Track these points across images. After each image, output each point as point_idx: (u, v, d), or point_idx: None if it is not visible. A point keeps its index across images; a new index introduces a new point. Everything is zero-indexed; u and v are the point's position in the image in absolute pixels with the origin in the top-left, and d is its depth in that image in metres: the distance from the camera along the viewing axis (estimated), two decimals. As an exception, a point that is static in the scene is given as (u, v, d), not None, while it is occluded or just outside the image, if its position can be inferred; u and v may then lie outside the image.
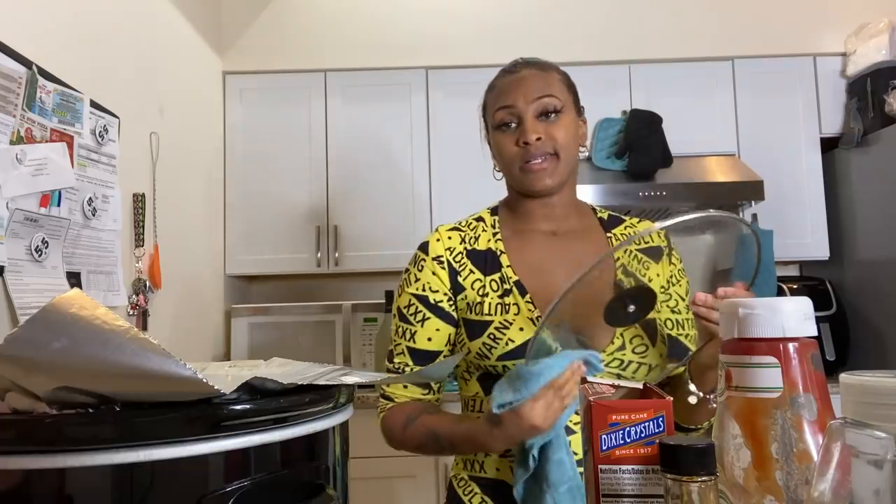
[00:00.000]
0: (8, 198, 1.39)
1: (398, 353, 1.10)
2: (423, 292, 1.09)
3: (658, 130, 2.64)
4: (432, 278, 1.09)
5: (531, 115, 1.06)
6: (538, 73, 1.09)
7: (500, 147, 1.09)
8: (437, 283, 1.09)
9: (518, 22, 2.81)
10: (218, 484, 0.49)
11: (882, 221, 2.48)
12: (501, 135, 1.08)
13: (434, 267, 1.09)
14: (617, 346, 1.02)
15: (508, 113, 1.07)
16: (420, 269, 1.10)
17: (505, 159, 1.09)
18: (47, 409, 0.49)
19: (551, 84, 1.08)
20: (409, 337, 1.09)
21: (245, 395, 0.53)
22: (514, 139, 1.06)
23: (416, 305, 1.09)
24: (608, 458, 0.54)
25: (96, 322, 0.47)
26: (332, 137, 2.75)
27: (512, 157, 1.07)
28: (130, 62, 1.98)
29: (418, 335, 1.08)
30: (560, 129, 1.06)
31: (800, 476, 0.49)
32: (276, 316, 2.65)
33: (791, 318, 0.52)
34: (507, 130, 1.08)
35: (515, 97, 1.06)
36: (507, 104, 1.07)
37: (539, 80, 1.07)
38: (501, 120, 1.08)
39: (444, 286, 1.08)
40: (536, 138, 1.04)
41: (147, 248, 2.01)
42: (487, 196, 1.38)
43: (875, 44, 2.62)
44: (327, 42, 2.80)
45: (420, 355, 1.08)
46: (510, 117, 1.07)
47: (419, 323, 1.08)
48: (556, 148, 1.05)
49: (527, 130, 1.05)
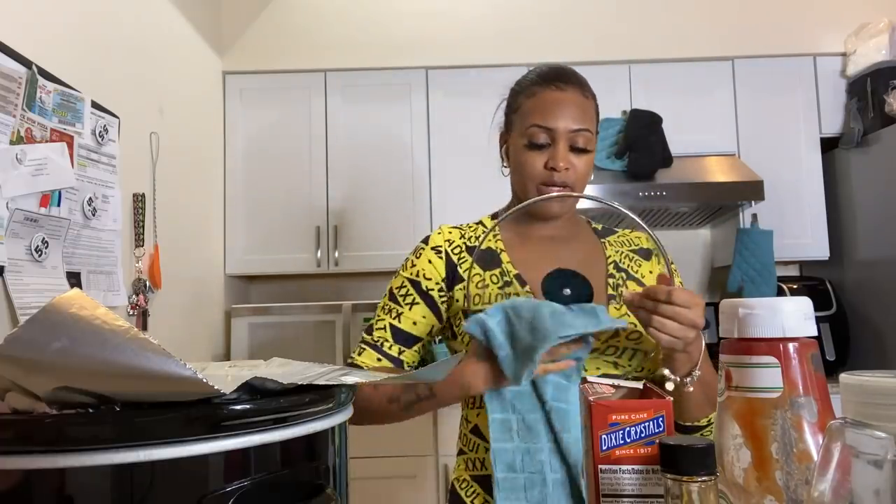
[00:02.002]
0: (8, 198, 1.39)
1: (379, 327, 1.11)
2: (416, 278, 1.11)
3: (658, 130, 2.64)
4: (428, 266, 1.11)
5: (564, 144, 1.06)
6: (581, 99, 1.08)
7: (525, 163, 1.08)
8: (431, 272, 1.11)
9: (518, 22, 2.81)
10: (218, 484, 0.49)
11: (882, 221, 2.48)
12: (529, 151, 1.07)
13: (431, 256, 1.12)
14: (611, 332, 1.02)
15: (544, 133, 1.06)
16: (418, 256, 1.14)
17: (526, 175, 1.08)
18: (47, 409, 0.49)
19: (589, 116, 1.08)
20: (394, 315, 1.11)
21: (245, 395, 0.53)
22: (542, 160, 1.06)
23: (408, 288, 1.11)
24: (608, 458, 0.54)
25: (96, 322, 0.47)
26: (332, 137, 2.75)
27: (534, 176, 1.07)
28: (130, 62, 1.98)
29: (404, 316, 1.10)
30: (583, 165, 1.07)
31: (800, 476, 0.49)
32: (276, 316, 2.65)
33: (791, 318, 0.52)
34: (537, 149, 1.07)
35: (556, 121, 1.05)
36: (547, 125, 1.05)
37: (580, 109, 1.07)
38: (534, 137, 1.06)
39: (438, 275, 1.11)
40: (565, 168, 1.05)
41: (147, 248, 2.01)
42: (487, 196, 1.39)
43: (875, 44, 2.62)
44: (327, 42, 2.80)
45: (401, 336, 1.10)
46: (544, 137, 1.06)
47: (407, 305, 1.11)
48: (574, 182, 1.07)
49: (558, 157, 1.05)
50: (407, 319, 1.10)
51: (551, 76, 1.09)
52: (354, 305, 2.63)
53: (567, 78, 1.09)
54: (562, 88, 1.07)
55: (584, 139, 1.06)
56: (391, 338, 1.10)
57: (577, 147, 1.06)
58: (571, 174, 1.06)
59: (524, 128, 1.08)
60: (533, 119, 1.07)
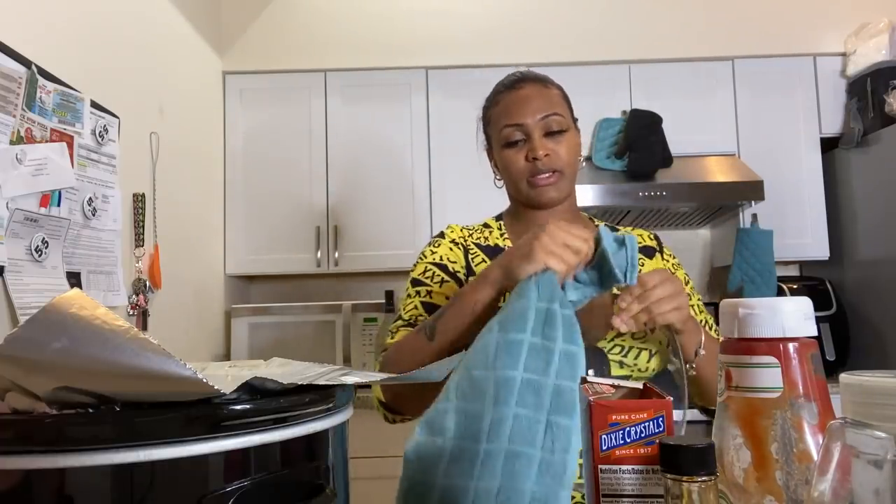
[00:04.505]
0: (8, 198, 1.39)
1: (409, 308, 1.09)
2: (441, 262, 1.13)
3: (658, 130, 2.64)
4: (450, 252, 1.14)
5: (539, 133, 1.08)
6: (541, 90, 1.12)
7: (508, 163, 1.11)
8: (454, 256, 1.13)
9: (518, 22, 2.81)
10: (218, 484, 0.49)
11: (882, 221, 2.48)
12: (509, 151, 1.10)
13: (451, 245, 1.15)
14: (616, 331, 1.03)
15: (516, 130, 1.09)
16: (437, 246, 1.15)
17: (512, 174, 1.11)
18: (47, 409, 0.49)
19: (554, 102, 1.11)
20: (424, 294, 1.10)
21: (245, 395, 0.53)
22: (522, 155, 1.09)
23: (434, 271, 1.12)
24: (608, 458, 0.54)
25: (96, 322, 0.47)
26: (332, 137, 2.75)
27: (520, 172, 1.10)
28: (130, 62, 1.98)
29: (435, 293, 1.10)
30: (564, 148, 1.09)
31: (800, 476, 0.49)
32: (276, 316, 2.65)
33: (791, 318, 0.52)
34: (514, 147, 1.10)
35: (523, 115, 1.09)
36: (516, 122, 1.09)
37: (543, 99, 1.10)
38: (509, 137, 1.10)
39: (460, 261, 1.13)
40: (545, 154, 1.07)
41: (147, 248, 2.01)
42: (487, 196, 1.39)
43: (875, 44, 2.62)
44: (327, 42, 2.80)
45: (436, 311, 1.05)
46: (518, 134, 1.09)
47: (437, 284, 1.10)
48: (562, 166, 1.09)
49: (535, 147, 1.07)
50: (438, 295, 1.09)
51: (508, 82, 1.15)
52: (354, 305, 2.63)
53: (524, 77, 1.14)
54: (521, 87, 1.12)
55: (557, 122, 1.09)
56: (425, 312, 1.07)
57: (552, 131, 1.08)
58: (555, 159, 1.08)
59: (498, 133, 1.11)
60: (503, 121, 1.11)
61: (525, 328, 0.68)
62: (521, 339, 0.66)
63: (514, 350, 0.65)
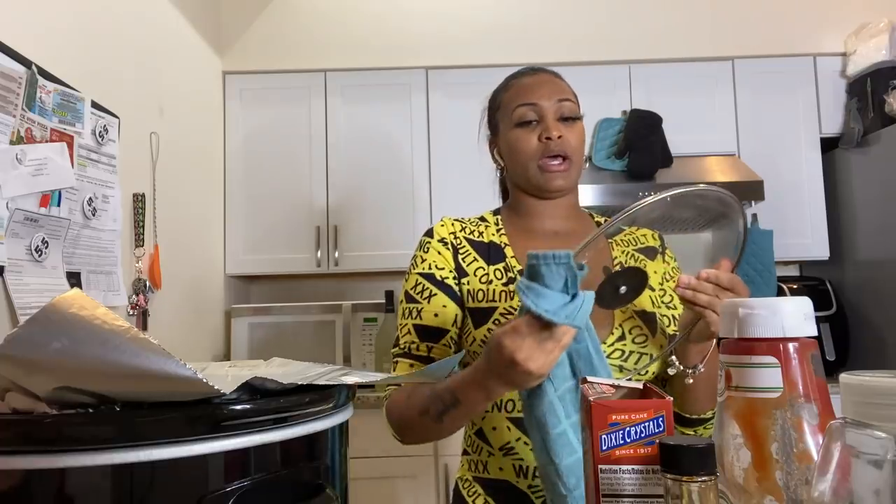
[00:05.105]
0: (8, 198, 1.39)
1: (403, 333, 1.09)
2: (429, 270, 1.10)
3: (658, 130, 2.64)
4: (438, 257, 1.11)
5: (552, 115, 1.08)
6: (555, 79, 1.13)
7: (519, 143, 1.09)
8: (442, 262, 1.10)
9: (518, 22, 2.81)
10: (218, 484, 0.49)
11: (882, 221, 2.48)
12: (521, 131, 1.09)
13: (439, 247, 1.12)
14: (617, 336, 1.03)
15: (531, 109, 1.08)
16: (426, 251, 1.12)
17: (523, 155, 1.09)
18: (47, 409, 0.49)
19: (567, 91, 1.12)
20: (415, 315, 1.08)
21: (245, 395, 0.53)
22: (534, 135, 1.08)
23: (423, 283, 1.10)
24: (608, 458, 0.54)
25: (96, 322, 0.47)
26: (332, 137, 2.75)
27: (532, 153, 1.08)
28: (130, 62, 1.98)
29: (425, 311, 1.08)
30: (575, 135, 1.09)
31: (800, 476, 0.49)
32: (276, 316, 2.65)
33: (791, 318, 0.52)
34: (527, 127, 1.09)
35: (539, 95, 1.08)
36: (531, 101, 1.08)
37: (556, 85, 1.11)
38: (523, 116, 1.09)
39: (449, 264, 1.10)
40: (559, 136, 1.06)
41: (147, 248, 2.01)
42: (487, 196, 1.39)
43: (875, 44, 2.62)
44: (327, 42, 2.80)
45: (427, 332, 1.07)
46: (532, 114, 1.08)
47: (426, 300, 1.08)
48: (572, 152, 1.08)
49: (550, 126, 1.07)
50: (428, 313, 1.08)
51: (521, 71, 1.16)
52: (354, 305, 2.63)
53: (538, 69, 1.15)
54: (534, 73, 1.13)
55: (570, 108, 1.09)
56: (417, 338, 1.07)
57: (565, 116, 1.08)
58: (567, 143, 1.07)
59: (511, 113, 1.10)
60: (516, 101, 1.10)
61: (560, 419, 0.79)
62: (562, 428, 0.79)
63: (562, 440, 0.79)
